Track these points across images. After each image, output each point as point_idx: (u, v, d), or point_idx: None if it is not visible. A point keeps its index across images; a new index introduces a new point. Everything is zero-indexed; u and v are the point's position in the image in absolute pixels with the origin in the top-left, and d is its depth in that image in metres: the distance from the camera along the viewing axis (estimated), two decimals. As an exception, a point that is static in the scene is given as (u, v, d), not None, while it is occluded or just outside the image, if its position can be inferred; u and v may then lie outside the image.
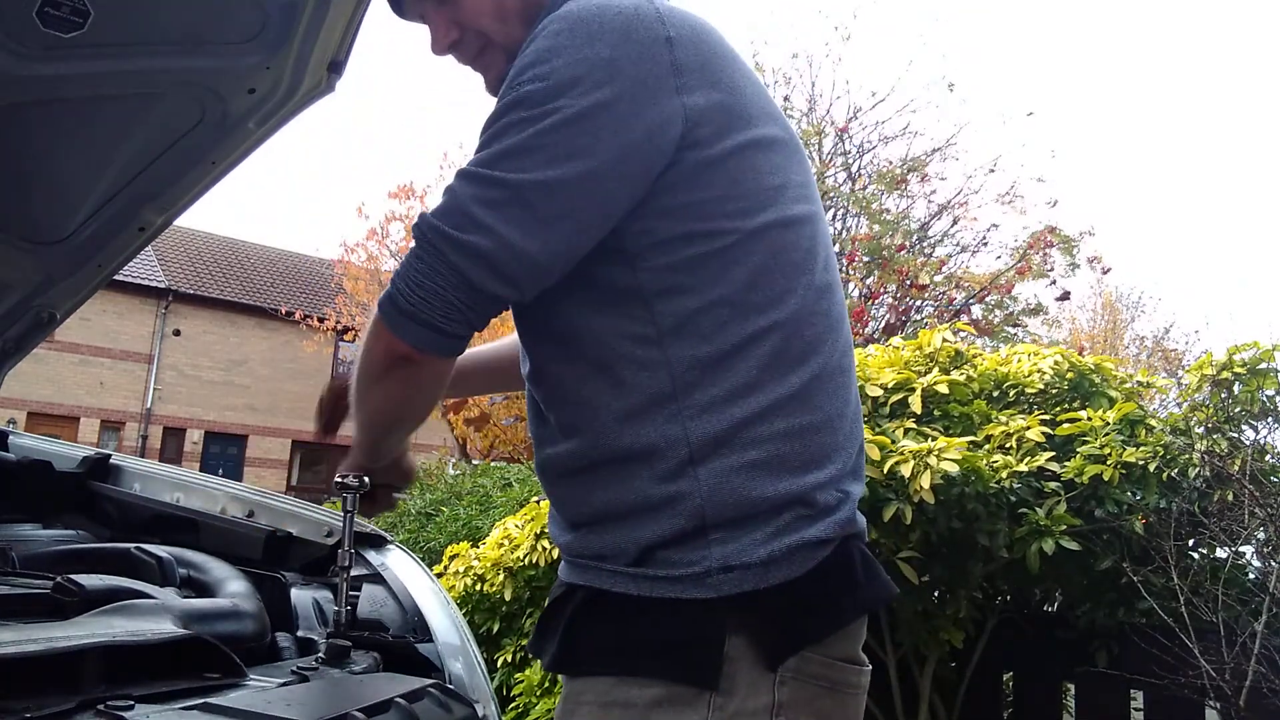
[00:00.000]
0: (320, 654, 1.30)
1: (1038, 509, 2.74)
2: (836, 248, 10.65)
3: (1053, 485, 2.82)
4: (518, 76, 0.97)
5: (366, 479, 1.28)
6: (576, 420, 1.02)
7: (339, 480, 1.28)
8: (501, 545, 3.87)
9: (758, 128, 1.03)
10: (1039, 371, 3.27)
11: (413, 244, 0.99)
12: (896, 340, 3.56)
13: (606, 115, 0.94)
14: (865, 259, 10.49)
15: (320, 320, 18.73)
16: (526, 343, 1.11)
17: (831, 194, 11.23)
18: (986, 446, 2.86)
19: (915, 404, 3.00)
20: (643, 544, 0.97)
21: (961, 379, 3.16)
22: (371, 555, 1.77)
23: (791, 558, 0.96)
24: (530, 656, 3.61)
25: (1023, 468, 2.74)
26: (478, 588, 3.87)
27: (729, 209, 0.99)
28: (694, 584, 0.95)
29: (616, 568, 0.99)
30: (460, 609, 2.48)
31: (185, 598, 1.40)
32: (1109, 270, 12.40)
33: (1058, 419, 2.97)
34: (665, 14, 0.99)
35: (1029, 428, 2.83)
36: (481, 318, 0.99)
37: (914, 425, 2.96)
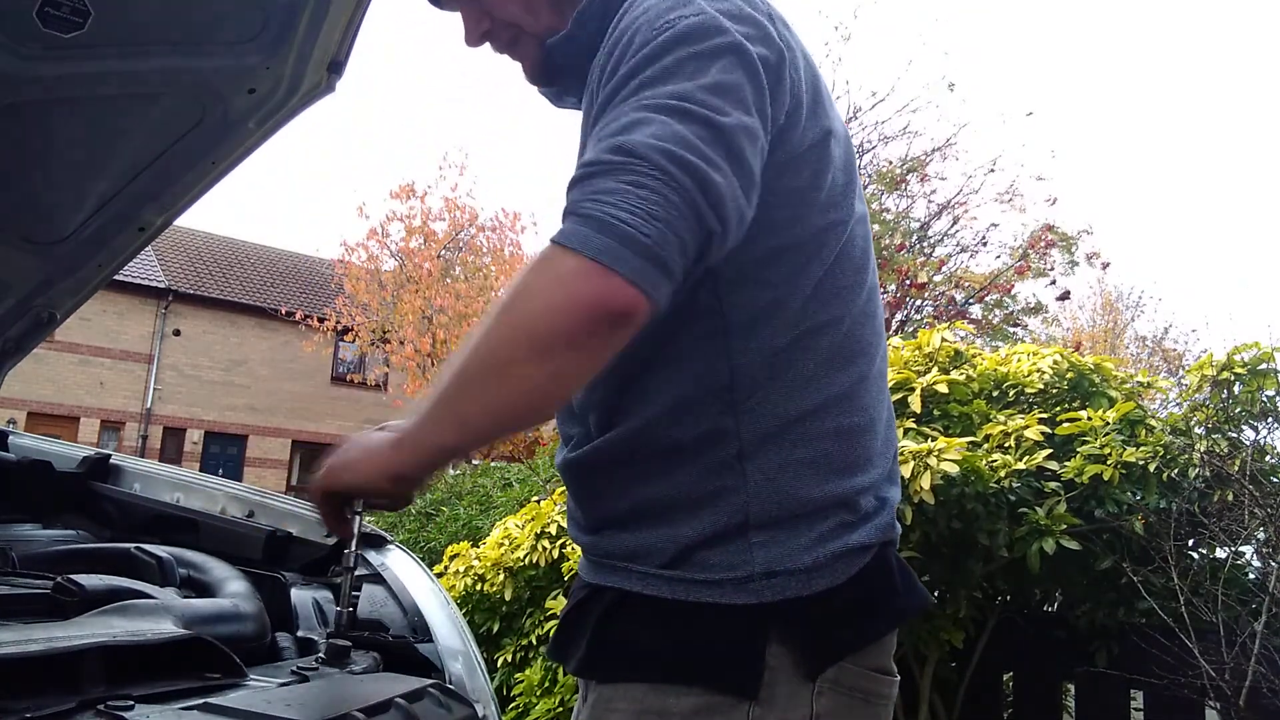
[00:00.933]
0: (320, 654, 1.30)
1: (1038, 509, 2.74)
2: (836, 248, 10.64)
3: (1053, 485, 2.82)
4: (662, 18, 0.90)
5: None
6: (625, 408, 0.97)
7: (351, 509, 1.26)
8: (502, 545, 3.87)
9: (830, 117, 1.00)
10: (1038, 371, 3.27)
11: (602, 173, 0.80)
12: (896, 340, 3.56)
13: (755, 58, 0.90)
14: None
15: (320, 320, 18.72)
16: None
17: (831, 194, 11.21)
18: (986, 446, 2.86)
19: (915, 404, 3.00)
20: (681, 543, 0.93)
21: (961, 379, 3.16)
22: (371, 555, 1.77)
23: (834, 564, 0.94)
24: (531, 657, 3.61)
25: (1022, 466, 2.74)
26: (478, 588, 3.87)
27: (810, 199, 0.96)
28: (735, 589, 0.91)
29: (649, 569, 0.94)
30: (460, 609, 2.48)
31: (185, 598, 1.40)
32: (1108, 265, 12.38)
33: (1057, 419, 2.97)
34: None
35: (1028, 427, 2.83)
36: (691, 260, 0.82)
37: (914, 425, 2.96)
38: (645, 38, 0.89)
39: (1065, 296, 11.41)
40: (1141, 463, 2.73)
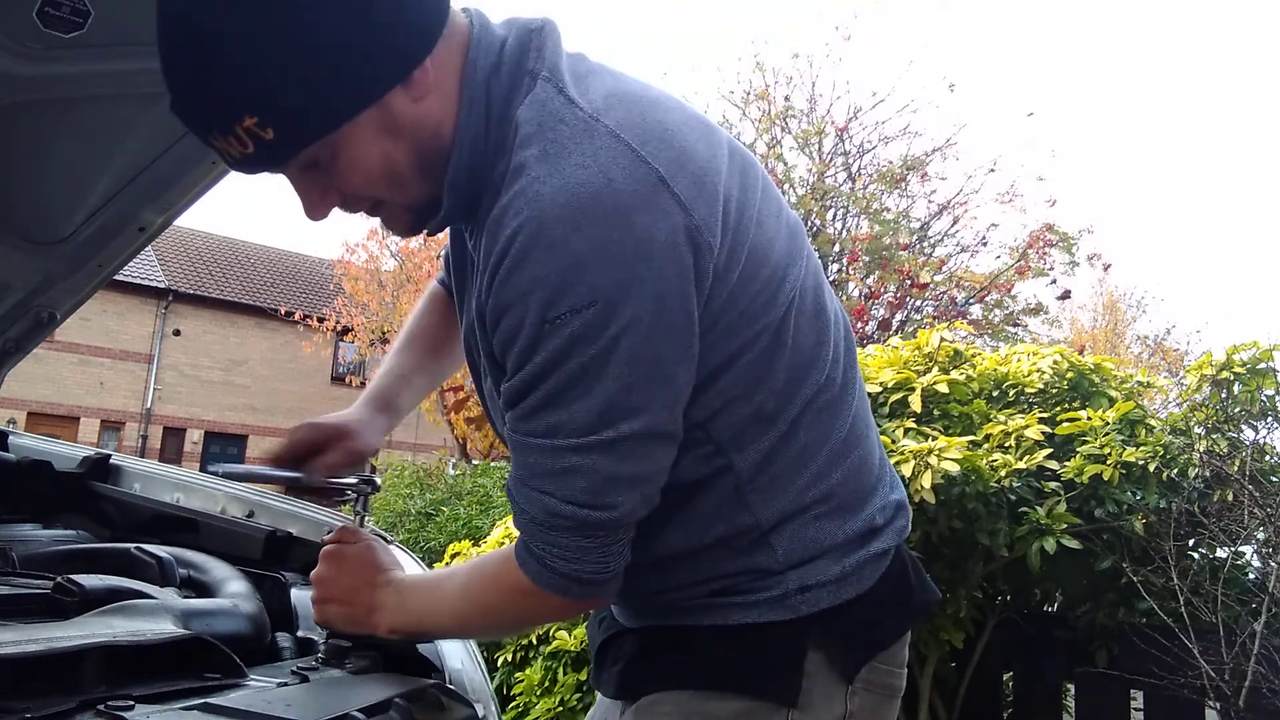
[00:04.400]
0: (320, 654, 1.30)
1: (1038, 509, 2.74)
2: (836, 248, 10.67)
3: (1053, 485, 2.82)
4: (550, 310, 0.83)
5: (378, 481, 1.29)
6: (639, 537, 0.97)
7: (354, 481, 1.28)
8: (502, 545, 3.87)
9: (747, 208, 0.94)
10: (1038, 371, 3.27)
11: (560, 530, 0.91)
12: (896, 340, 3.57)
13: (670, 303, 0.85)
14: (865, 259, 10.49)
15: (320, 320, 18.73)
16: None
17: (831, 194, 11.23)
18: (986, 446, 2.86)
19: (915, 403, 3.00)
20: (715, 590, 0.99)
21: (961, 378, 3.16)
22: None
23: (861, 572, 0.99)
24: (531, 656, 3.61)
25: (1022, 466, 2.74)
26: (478, 587, 3.87)
27: (755, 310, 0.93)
28: (771, 607, 0.96)
29: (688, 602, 1.01)
30: (460, 609, 2.47)
31: (185, 598, 1.40)
32: (1109, 267, 12.40)
33: (1057, 419, 2.97)
34: (636, 143, 0.87)
35: (1028, 426, 2.83)
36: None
37: (914, 425, 2.96)
38: (535, 334, 0.84)
39: (1066, 296, 11.41)
40: (1141, 463, 2.73)
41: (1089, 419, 2.89)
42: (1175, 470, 2.78)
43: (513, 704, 3.49)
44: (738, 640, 0.97)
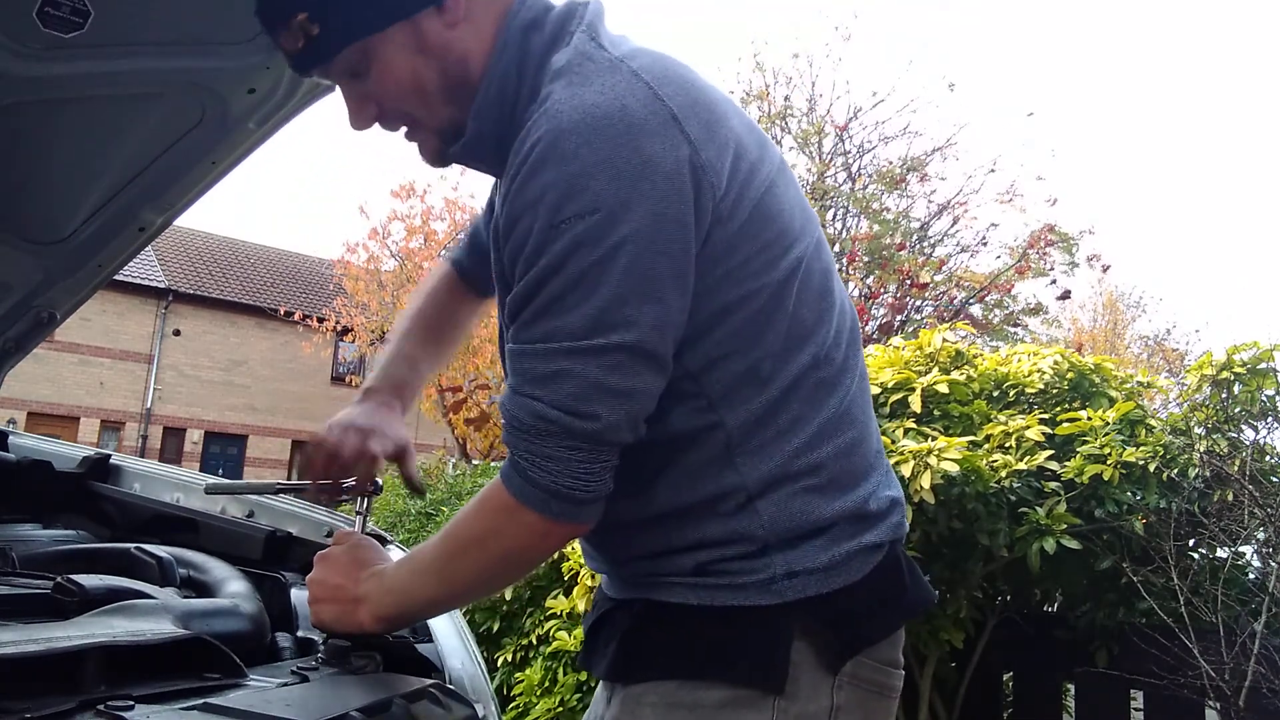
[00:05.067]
0: (320, 654, 1.30)
1: (1038, 509, 2.74)
2: (836, 248, 10.66)
3: (1053, 485, 2.83)
4: (554, 214, 0.90)
5: (379, 481, 1.29)
6: (625, 490, 1.00)
7: (354, 483, 1.28)
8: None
9: (760, 170, 1.00)
10: (1039, 371, 3.27)
11: (538, 435, 0.93)
12: (896, 340, 3.57)
13: (665, 229, 0.90)
14: (865, 259, 10.49)
15: (320, 320, 18.72)
16: None
17: (831, 194, 11.23)
18: (986, 446, 2.86)
19: (915, 404, 3.00)
20: (703, 561, 1.00)
21: (961, 379, 3.16)
22: (371, 555, 1.77)
23: (850, 563, 1.00)
24: (531, 656, 3.61)
25: (1022, 466, 2.74)
26: (478, 587, 3.87)
27: (755, 266, 0.97)
28: (758, 591, 0.98)
29: (675, 579, 1.01)
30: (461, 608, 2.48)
31: (185, 598, 1.40)
32: (1109, 268, 12.41)
33: (1058, 419, 2.97)
34: (654, 83, 0.94)
35: (1028, 427, 2.83)
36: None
37: (914, 425, 2.96)
38: (541, 238, 0.91)
39: (1066, 296, 11.41)
40: (1141, 463, 2.73)
41: (1089, 419, 2.89)
42: (1175, 470, 2.78)
43: (513, 704, 3.49)
44: (724, 624, 0.98)
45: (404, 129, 1.08)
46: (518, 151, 0.93)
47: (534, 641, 3.64)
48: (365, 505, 1.32)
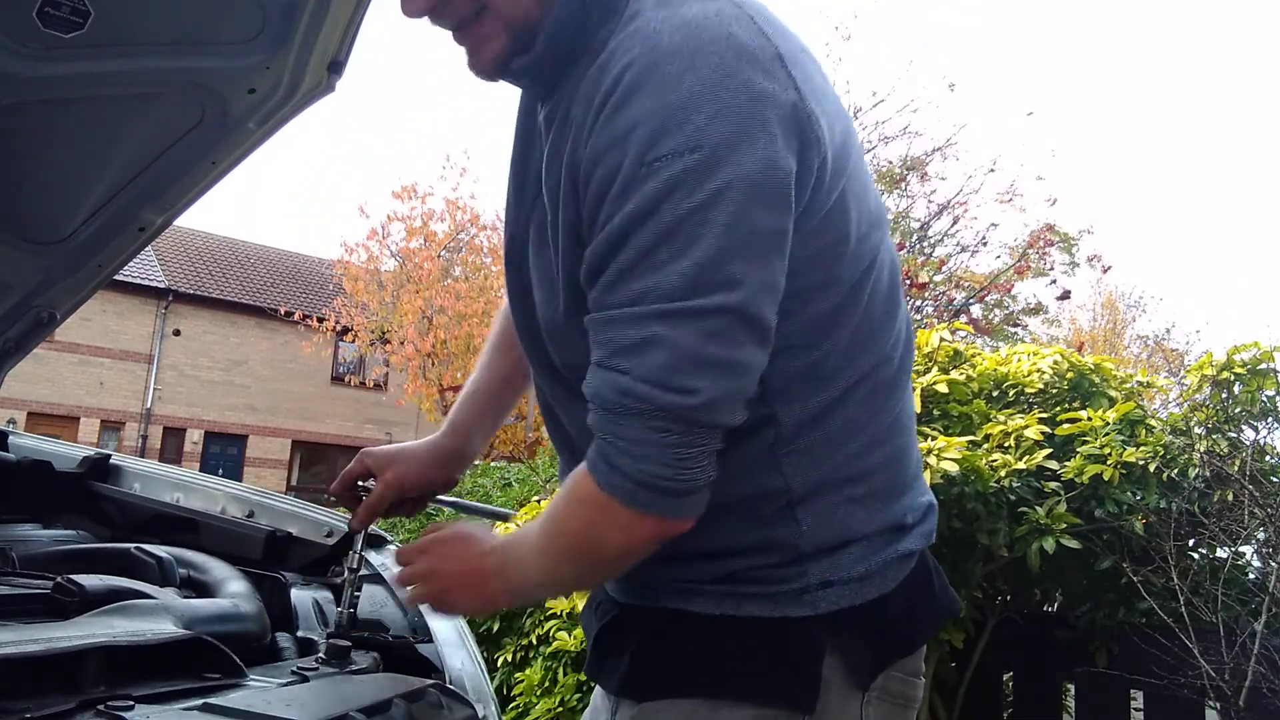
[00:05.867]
0: (320, 654, 1.30)
1: (1038, 508, 2.74)
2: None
3: (1053, 485, 2.82)
4: (650, 149, 0.77)
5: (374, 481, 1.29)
6: None
7: (362, 485, 1.28)
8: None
9: (851, 144, 0.90)
10: (1038, 371, 3.26)
11: (631, 418, 0.81)
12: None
13: (773, 177, 0.78)
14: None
15: (320, 320, 18.72)
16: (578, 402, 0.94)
17: (831, 194, 11.21)
18: (986, 445, 2.86)
19: (915, 403, 3.00)
20: (732, 569, 0.91)
21: (961, 378, 3.16)
22: (372, 555, 1.77)
23: (885, 572, 0.93)
24: (531, 656, 3.61)
25: (1022, 466, 2.74)
26: (478, 587, 3.87)
27: (842, 251, 0.87)
28: (791, 601, 0.89)
29: (695, 585, 0.93)
30: (460, 609, 2.47)
31: (185, 598, 1.40)
32: (1109, 269, 12.42)
33: (1057, 418, 2.97)
34: (757, 17, 0.82)
35: (1028, 426, 2.83)
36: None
37: (914, 425, 2.95)
38: (630, 177, 0.78)
39: (1065, 296, 11.43)
40: (1141, 463, 2.73)
41: (1089, 419, 2.89)
42: (1175, 470, 2.78)
43: (513, 704, 3.49)
44: (751, 636, 0.89)
45: (461, 20, 0.91)
46: (599, 83, 0.81)
47: (534, 641, 3.64)
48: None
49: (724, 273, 0.77)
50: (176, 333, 22.57)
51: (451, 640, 1.57)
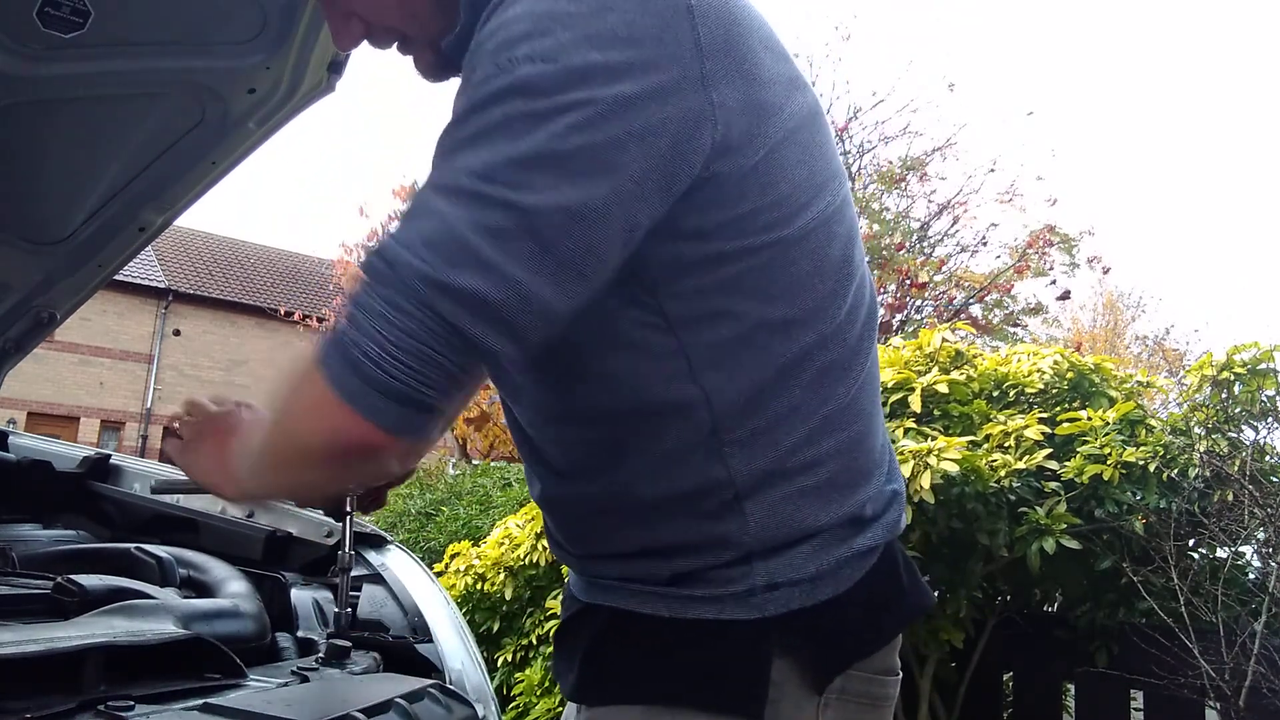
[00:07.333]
0: (320, 654, 1.30)
1: (1038, 509, 2.74)
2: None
3: (1053, 485, 2.82)
4: (506, 50, 0.74)
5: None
6: (594, 465, 0.89)
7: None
8: (502, 544, 3.88)
9: (785, 110, 0.83)
10: (1039, 371, 3.27)
11: (369, 283, 0.73)
12: (896, 340, 3.57)
13: (632, 116, 0.73)
14: (865, 258, 10.48)
15: (320, 320, 18.73)
16: (518, 383, 0.91)
17: (832, 194, 11.21)
18: (986, 446, 2.86)
19: (915, 403, 3.00)
20: (678, 570, 0.87)
21: (961, 379, 3.16)
22: (371, 555, 1.77)
23: (839, 571, 0.87)
24: (531, 656, 3.62)
25: (1022, 466, 2.74)
26: (478, 587, 3.88)
27: (765, 219, 0.81)
28: (736, 604, 0.85)
29: (644, 587, 0.89)
30: (461, 608, 2.48)
31: (185, 598, 1.40)
32: (1109, 270, 12.43)
33: (1057, 419, 2.97)
34: None
35: (1028, 427, 2.83)
36: (469, 381, 0.76)
37: (914, 425, 2.96)
38: (484, 72, 0.75)
39: (1065, 296, 11.42)
40: (1141, 463, 2.73)
41: (1089, 419, 2.89)
42: (1175, 470, 2.78)
43: (513, 704, 3.49)
44: (698, 641, 0.86)
45: (389, 45, 0.95)
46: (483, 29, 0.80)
47: (534, 641, 3.64)
48: (352, 503, 1.32)
49: (526, 176, 0.72)
50: (176, 333, 22.57)
51: (452, 640, 1.57)
